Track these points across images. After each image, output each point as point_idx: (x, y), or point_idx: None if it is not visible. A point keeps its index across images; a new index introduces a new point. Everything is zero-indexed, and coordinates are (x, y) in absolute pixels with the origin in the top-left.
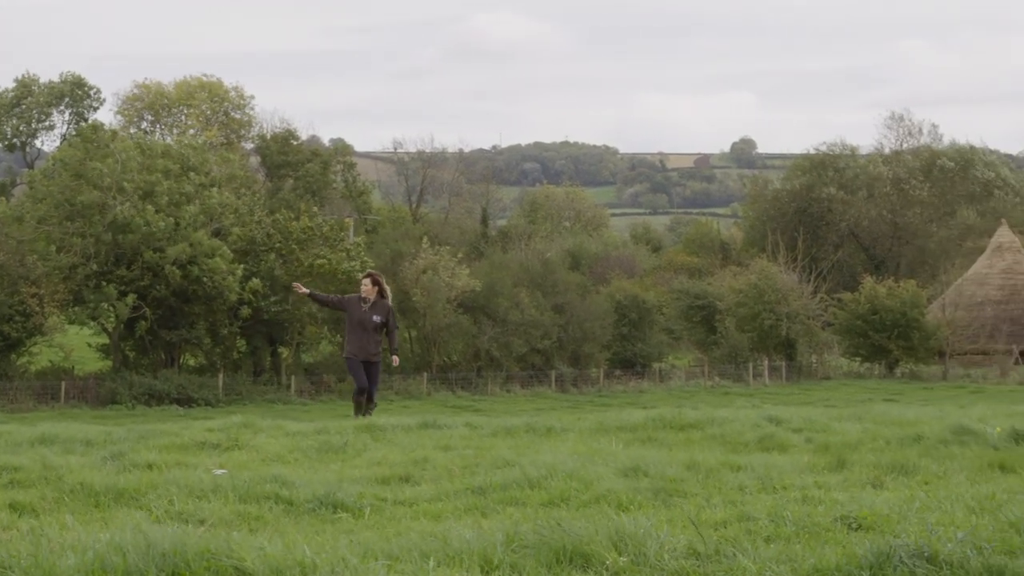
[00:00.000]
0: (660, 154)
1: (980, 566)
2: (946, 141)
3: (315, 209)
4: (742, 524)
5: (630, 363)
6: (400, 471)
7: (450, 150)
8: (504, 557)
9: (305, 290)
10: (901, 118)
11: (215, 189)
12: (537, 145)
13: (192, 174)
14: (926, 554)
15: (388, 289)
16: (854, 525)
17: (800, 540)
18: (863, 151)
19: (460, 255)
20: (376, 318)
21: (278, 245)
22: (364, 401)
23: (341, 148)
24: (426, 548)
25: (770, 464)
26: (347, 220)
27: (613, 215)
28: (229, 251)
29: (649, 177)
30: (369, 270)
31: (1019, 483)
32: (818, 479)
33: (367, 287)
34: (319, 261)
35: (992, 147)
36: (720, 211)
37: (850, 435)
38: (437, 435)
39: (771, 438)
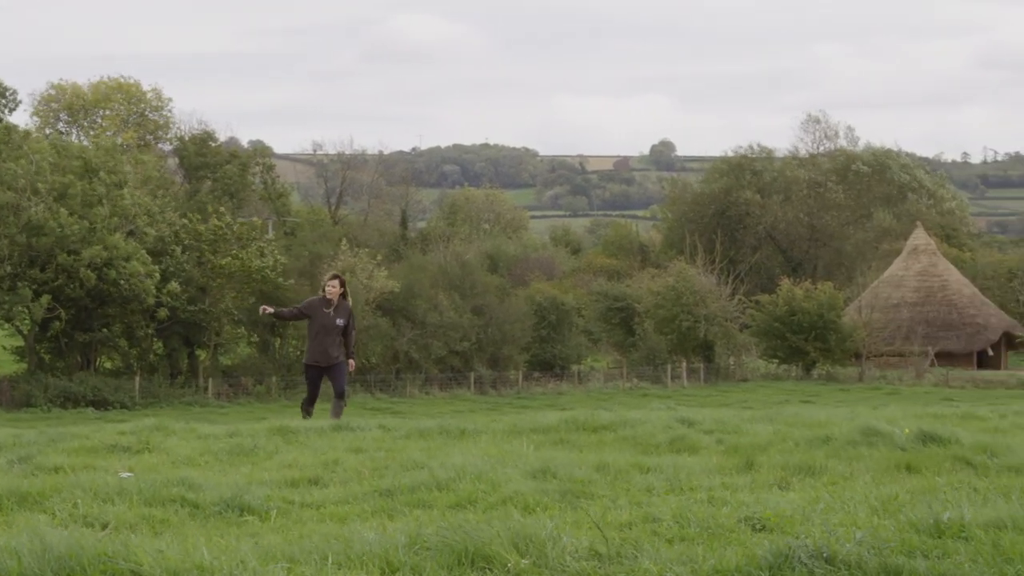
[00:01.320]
0: (580, 156)
1: (877, 566)
2: (862, 144)
3: (222, 209)
4: (647, 525)
5: (549, 365)
6: (310, 473)
7: (370, 152)
8: (406, 559)
9: (270, 309)
10: (818, 121)
11: (126, 190)
12: (457, 147)
13: (102, 174)
14: (825, 555)
15: (348, 291)
16: (758, 526)
17: (703, 541)
18: (780, 154)
19: (379, 257)
20: (340, 321)
21: (189, 244)
22: (312, 411)
23: (260, 150)
24: (328, 550)
25: (679, 466)
26: (257, 220)
27: (533, 217)
28: (147, 254)
29: (569, 179)
30: (335, 272)
31: (924, 484)
32: (726, 480)
33: (334, 289)
34: (225, 260)
35: (908, 150)
36: (639, 213)
37: (760, 437)
38: (350, 437)
39: (682, 440)
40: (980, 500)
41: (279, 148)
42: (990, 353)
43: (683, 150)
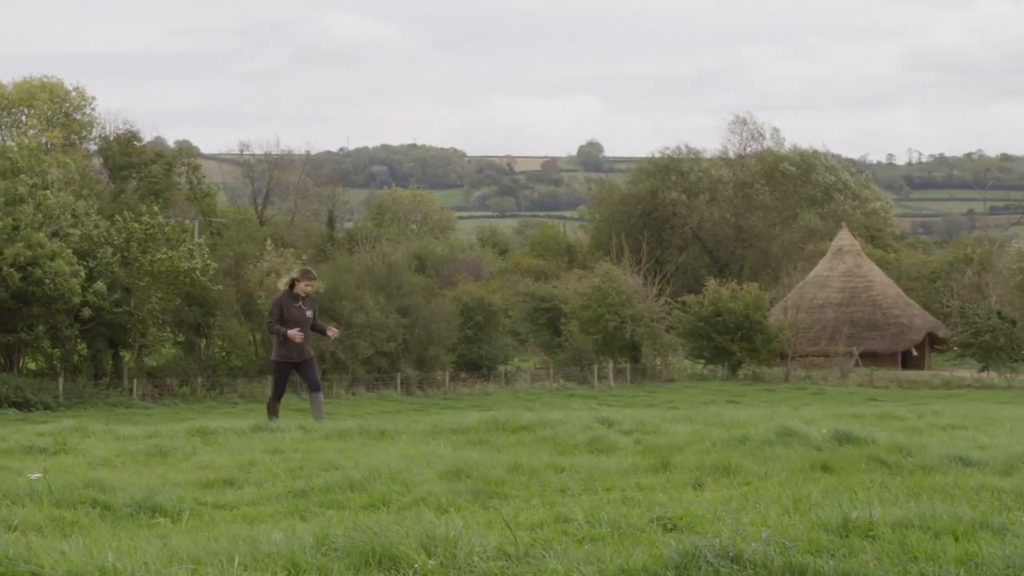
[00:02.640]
0: (508, 157)
1: (783, 565)
2: (788, 145)
3: (155, 209)
4: (559, 525)
5: (476, 366)
6: (225, 475)
7: (297, 152)
8: (312, 560)
9: (291, 332)
10: (744, 122)
11: (50, 191)
12: (385, 148)
13: (23, 176)
14: (731, 554)
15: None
16: (669, 526)
17: (614, 541)
18: (708, 155)
19: (305, 257)
20: (309, 313)
21: (118, 243)
22: (279, 409)
23: (185, 150)
24: (235, 551)
25: (595, 466)
26: (188, 223)
27: (460, 218)
28: (72, 253)
29: (497, 180)
30: (305, 267)
31: (837, 483)
32: (641, 480)
33: (308, 287)
34: (159, 255)
35: (834, 152)
36: (567, 214)
37: (679, 437)
38: (268, 438)
39: (601, 440)
40: (891, 499)
41: (206, 148)
42: (914, 353)
43: (611, 151)
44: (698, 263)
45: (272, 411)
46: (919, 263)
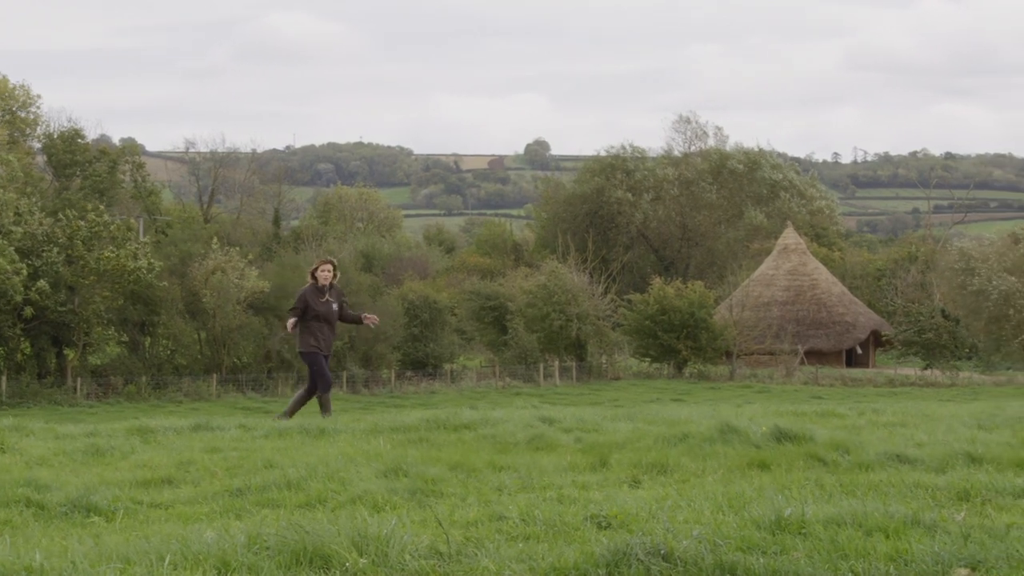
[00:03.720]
0: (455, 155)
1: (713, 563)
2: (732, 144)
3: (101, 207)
4: (493, 524)
5: (422, 364)
6: (163, 473)
7: (243, 150)
8: (244, 559)
9: (290, 325)
10: (688, 121)
11: None
12: (331, 146)
13: None
14: (662, 552)
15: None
16: (604, 524)
17: (548, 539)
18: (654, 154)
19: (251, 256)
20: (335, 306)
21: (63, 242)
22: (325, 397)
23: (130, 147)
24: (166, 550)
25: (533, 464)
26: (132, 222)
27: (407, 216)
28: (14, 251)
29: (443, 178)
30: (326, 256)
31: (773, 481)
32: (578, 478)
33: (327, 274)
34: (104, 254)
35: (780, 150)
36: (514, 212)
37: (619, 435)
38: (208, 437)
39: (541, 438)
40: (825, 497)
41: (151, 146)
42: (859, 351)
43: (558, 149)
44: (644, 261)
45: (326, 407)
46: (864, 261)
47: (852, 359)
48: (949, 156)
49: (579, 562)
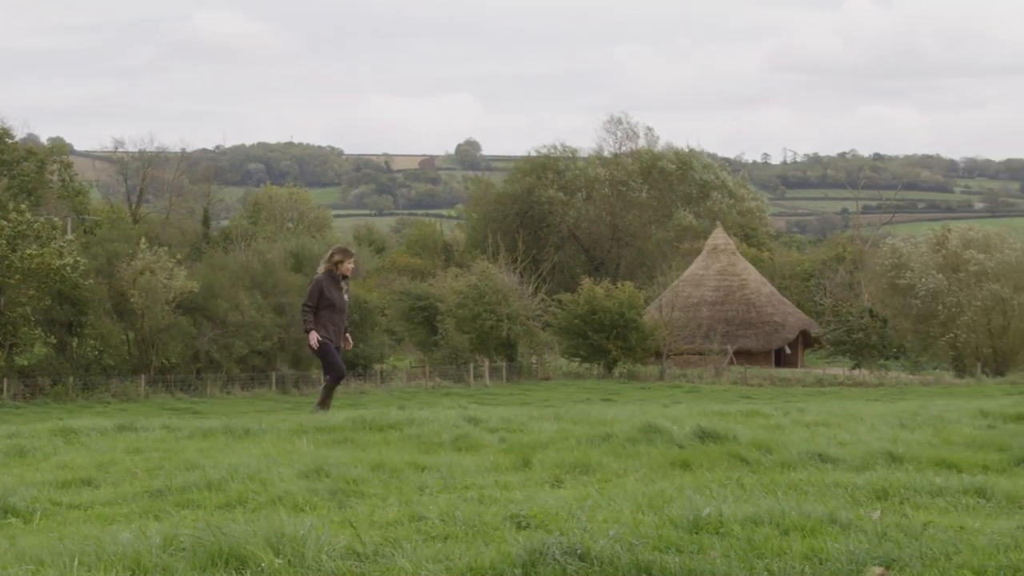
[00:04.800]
0: (385, 155)
1: (629, 562)
2: (662, 144)
3: (23, 207)
4: (413, 524)
5: (351, 364)
6: (83, 474)
7: (172, 150)
8: (158, 560)
9: (315, 336)
10: (619, 121)
11: None
12: (261, 146)
13: None
14: (579, 551)
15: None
16: (523, 524)
17: (467, 539)
18: (585, 154)
19: (179, 256)
20: (346, 296)
21: None
22: (334, 392)
23: (58, 147)
24: (79, 552)
25: (456, 464)
26: (57, 220)
27: (338, 216)
28: None
29: (374, 178)
30: (343, 246)
31: (694, 480)
32: (500, 478)
33: (351, 266)
34: (28, 252)
35: (710, 151)
36: (445, 213)
37: (543, 435)
38: (131, 438)
39: (466, 438)
40: (745, 496)
41: (79, 145)
42: (787, 351)
43: (489, 149)
44: (574, 261)
45: (329, 395)
46: (793, 262)
47: (781, 359)
48: (878, 157)
49: (496, 562)
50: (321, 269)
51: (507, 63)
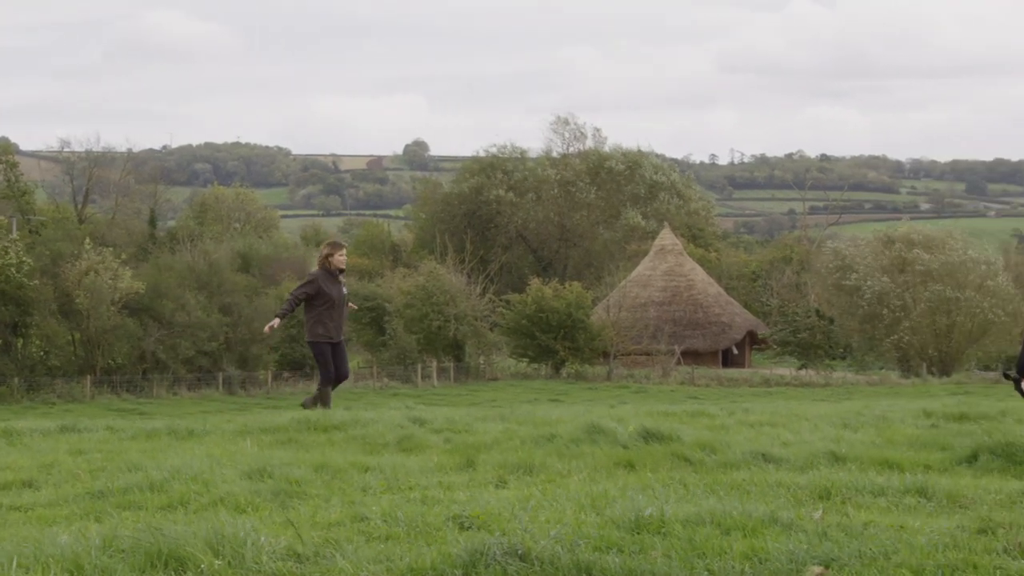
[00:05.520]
0: (333, 156)
1: (570, 563)
2: (610, 145)
3: None
4: (355, 525)
5: (299, 365)
6: (24, 476)
7: (119, 150)
8: (97, 561)
9: (276, 323)
10: (566, 122)
11: None
12: (208, 146)
13: None
14: (519, 552)
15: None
16: (466, 524)
17: (409, 540)
18: (534, 154)
19: (125, 256)
20: (344, 290)
21: None
22: (330, 393)
23: (3, 147)
24: (17, 553)
25: (400, 465)
26: (2, 219)
27: (285, 216)
28: None
29: (322, 179)
30: (332, 239)
31: (637, 480)
32: (444, 479)
33: (343, 258)
34: None
35: (658, 152)
36: (392, 213)
37: (488, 435)
38: (74, 439)
39: (410, 439)
40: (688, 496)
41: (25, 145)
42: (735, 351)
43: (437, 150)
44: (522, 262)
45: (324, 399)
46: (740, 262)
47: (728, 359)
48: (824, 158)
49: (437, 563)
50: (315, 266)
51: (455, 64)
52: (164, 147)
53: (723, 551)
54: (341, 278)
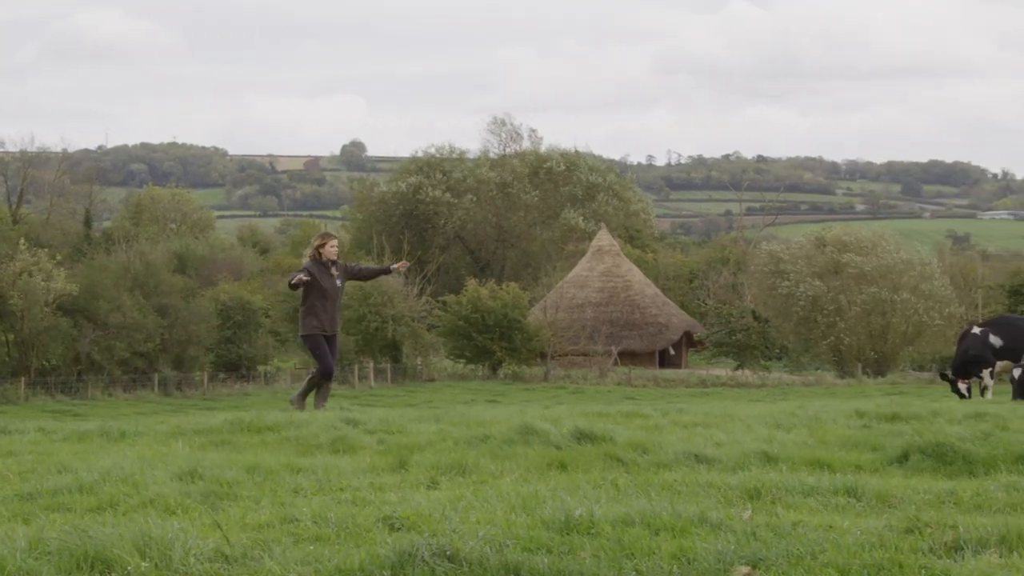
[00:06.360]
0: (270, 156)
1: (498, 563)
2: (546, 146)
3: None
4: (285, 526)
5: (235, 366)
6: None
7: (53, 150)
8: (23, 564)
9: (302, 276)
10: (503, 123)
11: None
12: (145, 146)
13: None
14: (448, 553)
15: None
16: (396, 526)
17: (339, 541)
18: (473, 155)
19: (60, 257)
20: (339, 283)
21: None
22: (329, 387)
23: None
24: None
25: (332, 466)
26: None
27: (222, 217)
28: None
29: (259, 179)
30: (323, 230)
31: (569, 481)
32: (376, 480)
33: (334, 248)
34: None
35: (596, 153)
36: (330, 213)
37: (422, 436)
38: (4, 441)
39: (344, 440)
40: (619, 496)
41: None
42: (672, 352)
43: (374, 150)
44: (459, 263)
45: (319, 391)
46: (677, 263)
47: (665, 360)
48: (761, 159)
49: (365, 564)
50: (305, 258)
51: (392, 64)
52: (100, 147)
53: (652, 551)
54: (334, 270)
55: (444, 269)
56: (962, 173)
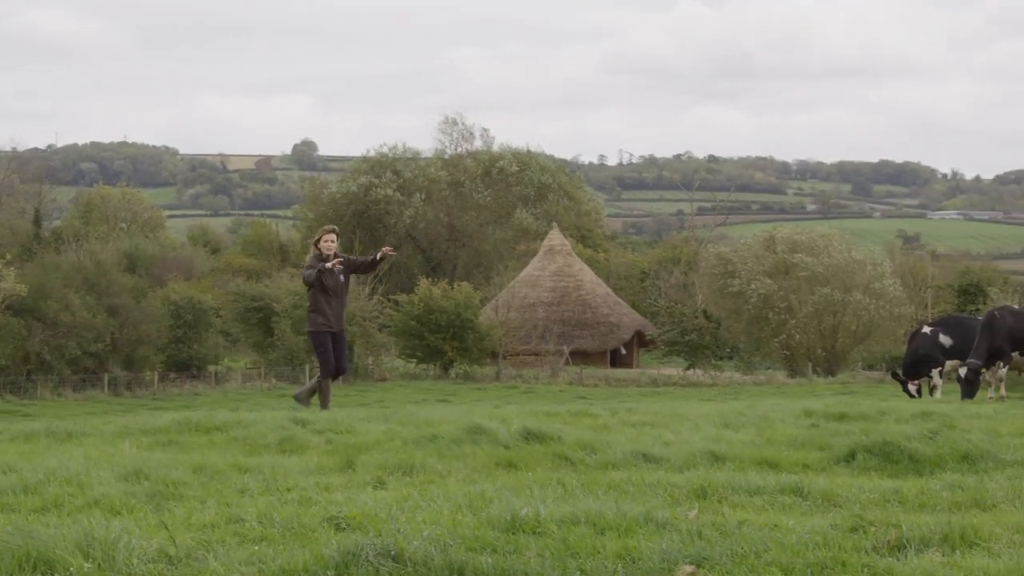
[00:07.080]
0: (221, 155)
1: (442, 563)
2: (498, 145)
3: None
4: (230, 526)
5: (186, 366)
6: None
7: (3, 149)
8: None
9: (336, 265)
10: (455, 122)
11: None
12: (95, 145)
13: None
14: (392, 553)
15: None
16: (342, 526)
17: (284, 541)
18: (426, 155)
19: (9, 256)
20: (343, 279)
21: None
22: (330, 386)
23: None
24: None
25: (279, 466)
26: None
27: (173, 216)
28: None
29: (210, 178)
30: (327, 226)
31: (517, 480)
32: (322, 480)
33: (332, 244)
34: None
35: (548, 152)
36: (281, 213)
37: (370, 436)
38: None
39: (292, 440)
40: (566, 496)
41: None
42: (623, 352)
43: (325, 150)
44: (411, 262)
45: (324, 393)
46: (629, 263)
47: (617, 359)
48: (712, 159)
49: (309, 564)
50: (309, 257)
51: (344, 63)
52: (49, 146)
53: (597, 551)
54: (339, 266)
55: (396, 268)
56: (912, 173)
